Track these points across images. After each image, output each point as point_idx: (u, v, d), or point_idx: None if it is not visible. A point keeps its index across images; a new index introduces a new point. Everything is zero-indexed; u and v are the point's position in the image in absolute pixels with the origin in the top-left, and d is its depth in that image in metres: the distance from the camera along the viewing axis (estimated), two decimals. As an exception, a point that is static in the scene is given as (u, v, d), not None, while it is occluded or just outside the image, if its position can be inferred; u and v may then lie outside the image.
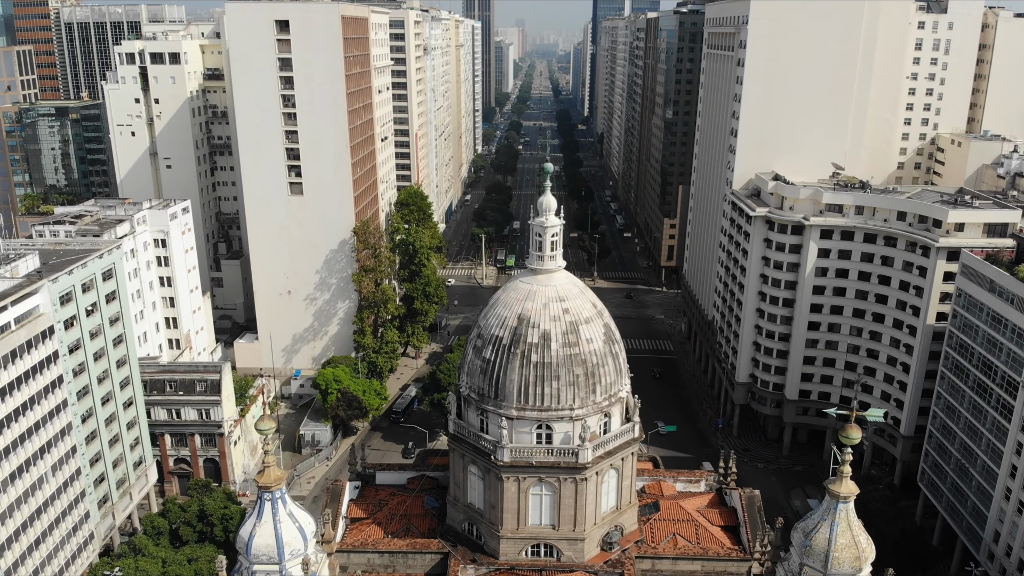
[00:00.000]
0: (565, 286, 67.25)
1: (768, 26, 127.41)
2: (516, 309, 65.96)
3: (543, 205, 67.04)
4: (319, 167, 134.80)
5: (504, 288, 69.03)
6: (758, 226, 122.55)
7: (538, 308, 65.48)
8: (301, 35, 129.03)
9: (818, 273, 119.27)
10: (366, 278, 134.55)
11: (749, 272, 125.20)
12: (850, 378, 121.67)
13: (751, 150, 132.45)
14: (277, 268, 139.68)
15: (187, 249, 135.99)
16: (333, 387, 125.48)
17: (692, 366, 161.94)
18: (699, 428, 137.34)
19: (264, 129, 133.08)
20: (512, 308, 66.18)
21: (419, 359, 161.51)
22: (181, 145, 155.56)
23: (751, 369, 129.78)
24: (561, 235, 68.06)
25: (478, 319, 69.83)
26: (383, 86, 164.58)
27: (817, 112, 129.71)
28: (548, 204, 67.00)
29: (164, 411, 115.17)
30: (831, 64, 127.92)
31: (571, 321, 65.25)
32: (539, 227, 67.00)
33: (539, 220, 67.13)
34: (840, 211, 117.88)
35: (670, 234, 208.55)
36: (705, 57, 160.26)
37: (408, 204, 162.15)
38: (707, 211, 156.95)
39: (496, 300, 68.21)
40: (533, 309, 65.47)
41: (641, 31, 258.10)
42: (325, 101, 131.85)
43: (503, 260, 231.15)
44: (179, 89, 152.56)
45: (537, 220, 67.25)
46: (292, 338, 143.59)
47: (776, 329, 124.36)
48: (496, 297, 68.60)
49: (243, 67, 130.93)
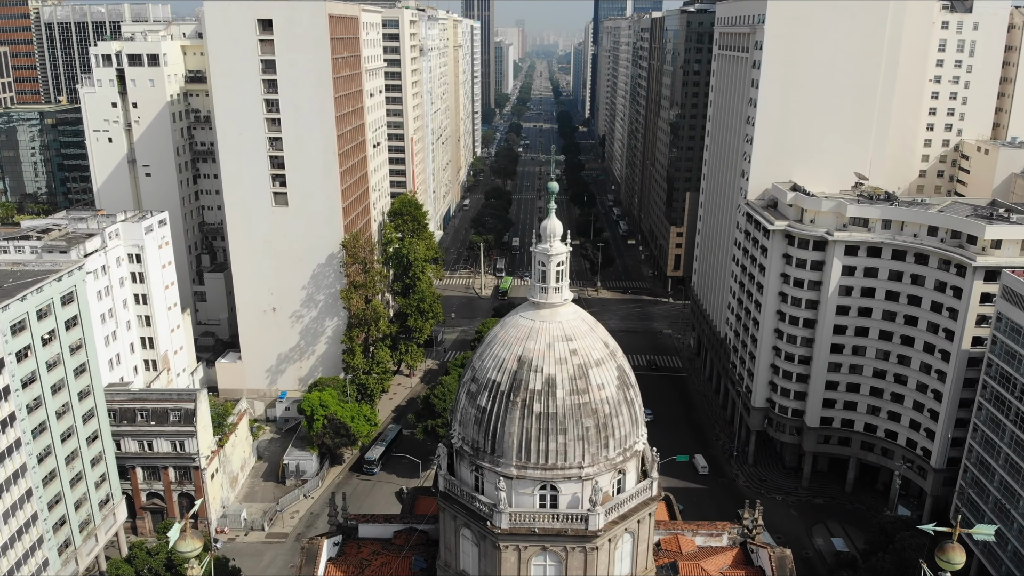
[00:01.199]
0: (572, 323, 58.42)
1: (786, 26, 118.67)
2: (516, 350, 57.14)
3: (547, 230, 58.24)
4: (305, 176, 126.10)
5: (502, 324, 60.20)
6: (777, 241, 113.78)
7: (541, 349, 56.68)
8: (285, 35, 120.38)
9: (842, 292, 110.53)
10: (355, 295, 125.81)
11: (767, 290, 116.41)
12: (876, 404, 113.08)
13: (767, 158, 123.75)
14: (261, 283, 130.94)
15: (164, 264, 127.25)
16: (319, 413, 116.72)
17: (702, 384, 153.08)
18: (712, 455, 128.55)
19: (246, 135, 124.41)
20: (511, 348, 57.36)
21: (413, 377, 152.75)
22: (161, 152, 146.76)
23: (768, 393, 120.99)
24: (568, 264, 59.10)
25: (472, 358, 60.92)
26: (375, 89, 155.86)
27: (838, 118, 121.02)
28: (553, 229, 58.19)
29: (135, 443, 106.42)
30: (854, 67, 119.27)
31: (580, 364, 56.42)
32: (543, 255, 58.19)
33: (542, 247, 58.33)
34: (865, 225, 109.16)
35: (677, 242, 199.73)
36: (716, 58, 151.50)
37: (401, 214, 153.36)
38: (718, 221, 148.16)
39: (493, 338, 59.38)
40: (536, 350, 56.67)
41: (645, 31, 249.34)
42: (311, 106, 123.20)
43: (501, 270, 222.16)
44: (158, 92, 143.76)
45: (540, 247, 58.44)
46: (277, 358, 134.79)
47: (796, 351, 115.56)
48: (493, 334, 59.78)
49: (223, 69, 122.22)
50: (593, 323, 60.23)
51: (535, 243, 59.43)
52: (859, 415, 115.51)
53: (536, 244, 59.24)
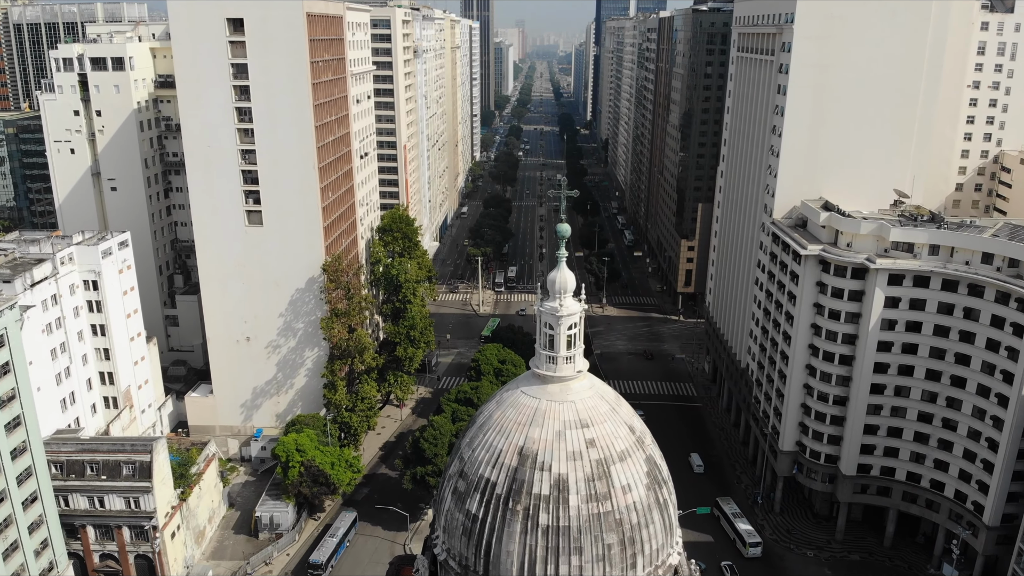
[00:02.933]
0: (589, 402, 45.88)
1: (819, 26, 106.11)
2: (516, 439, 44.62)
3: (557, 284, 45.71)
4: (281, 192, 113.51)
5: (498, 401, 47.61)
6: (810, 267, 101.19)
7: (549, 439, 44.17)
8: (258, 36, 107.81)
9: (884, 326, 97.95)
10: (337, 324, 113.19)
11: (798, 321, 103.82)
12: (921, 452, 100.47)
13: (796, 172, 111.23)
14: (233, 311, 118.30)
15: (126, 290, 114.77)
16: (295, 459, 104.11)
17: (720, 416, 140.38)
18: (736, 501, 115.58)
19: (216, 148, 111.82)
20: (510, 437, 44.84)
21: (404, 408, 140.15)
22: (128, 164, 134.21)
23: (798, 436, 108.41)
24: (582, 325, 46.49)
25: (460, 442, 48.36)
26: (363, 94, 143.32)
27: (876, 129, 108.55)
28: (563, 283, 45.68)
29: (84, 499, 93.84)
30: (894, 72, 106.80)
31: (599, 460, 43.93)
32: (550, 315, 45.63)
33: (550, 306, 45.82)
34: (910, 251, 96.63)
35: (688, 256, 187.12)
36: (734, 61, 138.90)
37: (391, 230, 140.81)
38: (737, 238, 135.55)
39: (487, 419, 46.86)
40: (542, 441, 44.18)
41: (652, 31, 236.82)
42: (288, 114, 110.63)
43: (500, 285, 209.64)
44: (124, 99, 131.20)
45: (548, 305, 45.93)
46: (252, 392, 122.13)
47: (831, 391, 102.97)
48: (487, 414, 47.23)
49: (190, 74, 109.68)
50: (614, 399, 47.60)
51: (539, 298, 46.91)
52: (901, 463, 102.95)
53: (541, 300, 46.70)
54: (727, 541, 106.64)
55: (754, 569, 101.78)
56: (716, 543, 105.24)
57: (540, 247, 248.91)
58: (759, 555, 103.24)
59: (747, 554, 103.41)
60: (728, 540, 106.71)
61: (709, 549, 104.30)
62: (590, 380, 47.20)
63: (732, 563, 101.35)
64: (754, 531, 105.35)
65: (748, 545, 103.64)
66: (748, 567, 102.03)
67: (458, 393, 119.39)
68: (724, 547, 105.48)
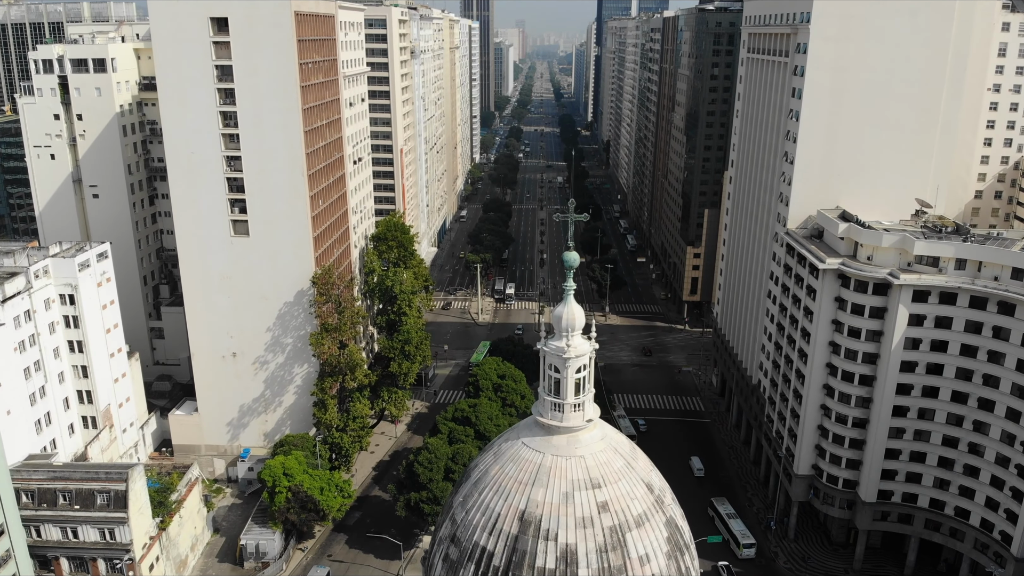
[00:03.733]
0: (600, 456, 40.07)
1: (837, 26, 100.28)
2: (517, 500, 38.82)
3: (564, 321, 39.94)
4: (269, 201, 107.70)
5: (495, 453, 41.80)
6: (828, 281, 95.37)
7: (555, 502, 38.36)
8: (244, 36, 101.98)
9: (908, 345, 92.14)
10: (327, 339, 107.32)
11: (815, 338, 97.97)
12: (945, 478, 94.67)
13: (811, 180, 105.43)
14: (219, 325, 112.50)
15: (105, 304, 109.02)
16: (282, 484, 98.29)
17: (729, 434, 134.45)
18: (747, 525, 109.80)
19: (200, 154, 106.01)
20: (510, 498, 39.02)
21: (399, 425, 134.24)
22: (110, 170, 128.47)
23: (814, 459, 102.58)
24: (592, 366, 40.66)
25: (452, 497, 42.51)
26: (357, 97, 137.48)
27: (896, 134, 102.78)
28: (571, 320, 39.88)
29: (57, 529, 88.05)
30: (914, 74, 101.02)
31: (613, 527, 38.12)
32: (556, 356, 39.85)
33: (556, 345, 40.03)
34: (935, 265, 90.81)
35: (694, 264, 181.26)
36: (743, 62, 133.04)
37: (386, 239, 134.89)
38: (748, 247, 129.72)
39: (483, 474, 41.05)
40: (546, 503, 38.36)
41: (656, 31, 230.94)
42: (275, 119, 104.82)
43: (500, 292, 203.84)
44: (106, 103, 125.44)
45: (553, 345, 40.15)
46: (239, 410, 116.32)
47: (850, 412, 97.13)
48: (483, 468, 41.42)
49: (172, 77, 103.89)
50: (630, 451, 41.75)
51: (543, 335, 41.10)
52: (924, 489, 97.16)
53: (545, 338, 40.90)
54: (721, 541, 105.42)
55: (747, 569, 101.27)
56: (710, 543, 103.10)
57: (541, 252, 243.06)
58: (753, 556, 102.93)
59: (741, 555, 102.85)
60: (723, 540, 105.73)
61: (703, 550, 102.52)
62: (601, 430, 41.33)
63: (728, 563, 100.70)
64: (748, 532, 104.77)
65: (742, 546, 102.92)
66: (742, 567, 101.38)
67: (455, 412, 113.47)
68: (718, 547, 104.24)
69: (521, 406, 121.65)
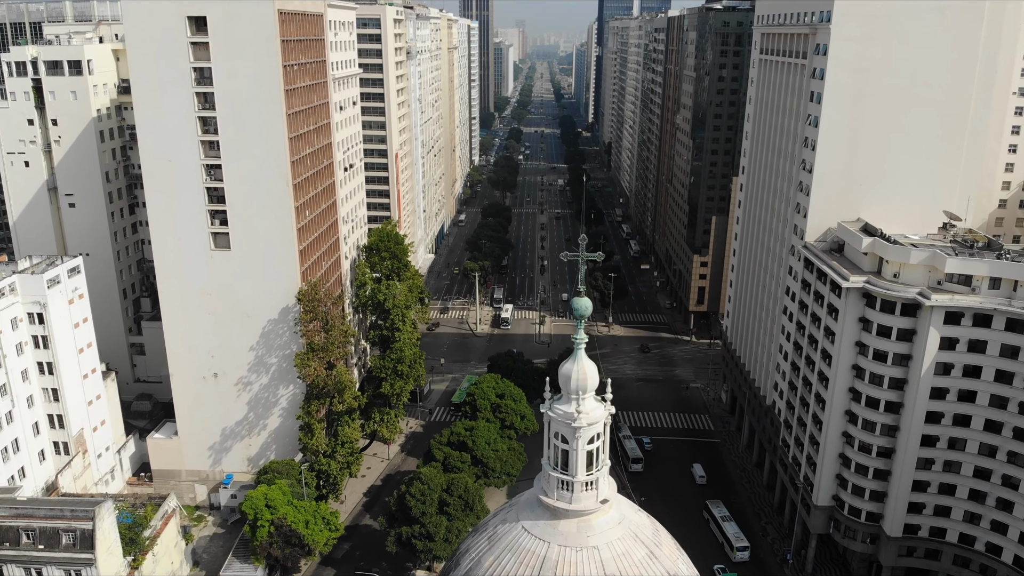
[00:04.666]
0: (618, 545, 33.25)
1: (859, 26, 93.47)
2: (516, 601, 31.84)
3: (572, 381, 33.23)
4: (251, 212, 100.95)
5: (491, 537, 34.97)
6: (852, 301, 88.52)
7: (561, 604, 31.37)
8: (223, 36, 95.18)
9: (939, 371, 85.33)
10: (313, 361, 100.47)
11: (837, 361, 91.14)
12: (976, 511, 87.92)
13: (831, 190, 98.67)
14: (199, 344, 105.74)
15: (78, 322, 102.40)
16: (264, 516, 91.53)
17: (740, 455, 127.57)
18: (761, 557, 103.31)
19: (176, 163, 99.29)
20: (508, 597, 32.05)
21: (392, 447, 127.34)
22: (87, 178, 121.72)
23: (835, 490, 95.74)
24: (607, 435, 33.88)
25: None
26: (348, 100, 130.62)
27: (922, 141, 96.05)
28: (582, 380, 33.19)
29: (21, 570, 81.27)
30: (942, 78, 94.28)
31: (631, 635, 31.15)
32: (564, 424, 33.09)
33: (563, 410, 33.31)
34: (968, 283, 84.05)
35: (700, 273, 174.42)
36: (755, 64, 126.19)
37: (378, 250, 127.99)
38: (761, 259, 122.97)
39: (475, 564, 34.36)
40: (551, 607, 31.38)
41: (660, 32, 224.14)
42: (257, 125, 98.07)
43: (499, 300, 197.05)
44: (82, 107, 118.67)
45: (560, 409, 33.44)
46: (221, 433, 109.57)
47: (874, 441, 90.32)
48: (474, 556, 34.68)
49: (147, 80, 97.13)
50: (652, 536, 34.91)
51: (548, 397, 34.27)
52: (954, 523, 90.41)
53: (550, 401, 34.09)
54: (715, 544, 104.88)
55: (742, 572, 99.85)
56: (705, 546, 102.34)
57: (541, 259, 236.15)
58: (747, 559, 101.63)
59: (735, 558, 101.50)
60: (716, 543, 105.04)
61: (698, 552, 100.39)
62: (618, 510, 34.51)
63: (723, 566, 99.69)
64: (742, 535, 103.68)
65: (736, 549, 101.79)
66: (736, 570, 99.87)
67: (450, 435, 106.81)
68: (713, 550, 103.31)
69: (521, 427, 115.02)
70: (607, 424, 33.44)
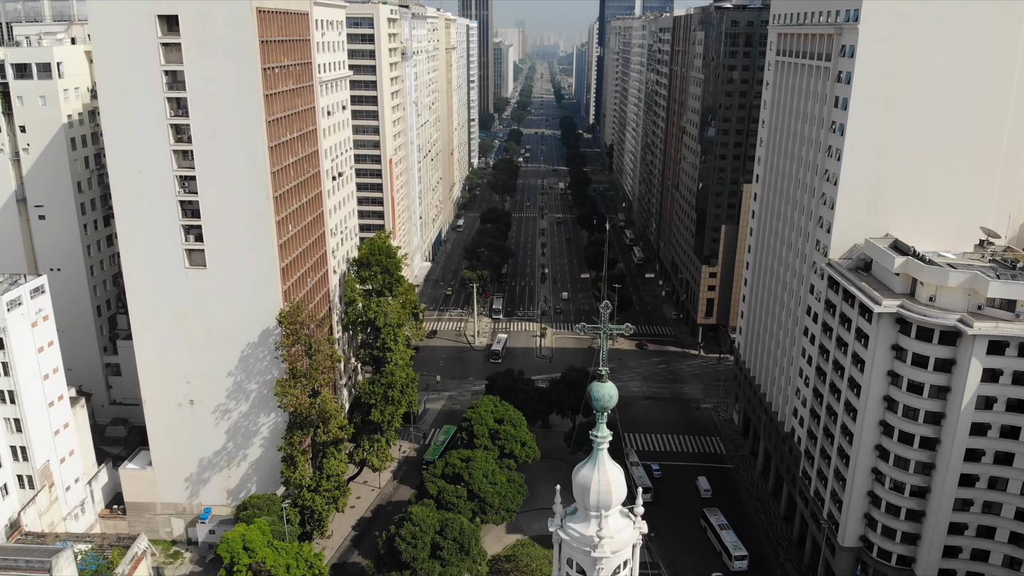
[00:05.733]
0: None
1: (890, 26, 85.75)
2: None
3: (592, 494, 26.26)
4: (228, 227, 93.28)
5: None
6: (884, 327, 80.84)
7: None
8: (197, 37, 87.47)
9: (981, 404, 77.78)
10: (295, 388, 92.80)
11: (867, 392, 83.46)
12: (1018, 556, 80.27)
13: (858, 204, 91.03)
14: (174, 369, 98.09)
15: (43, 346, 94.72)
16: (242, 561, 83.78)
17: (755, 483, 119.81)
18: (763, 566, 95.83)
19: (147, 174, 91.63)
20: None
21: (382, 473, 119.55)
22: (58, 187, 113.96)
23: (863, 530, 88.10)
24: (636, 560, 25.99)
25: None
26: (337, 104, 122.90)
27: (957, 151, 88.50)
28: (604, 492, 26.29)
29: (-35, 626, 73.78)
30: (979, 83, 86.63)
31: None
32: (579, 549, 25.41)
33: (580, 533, 25.69)
34: (1012, 308, 76.43)
35: (709, 284, 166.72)
36: (771, 66, 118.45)
37: (368, 264, 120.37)
38: (777, 273, 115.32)
39: None
40: None
41: (665, 31, 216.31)
42: (235, 132, 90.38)
43: (498, 311, 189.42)
44: (52, 112, 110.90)
45: (575, 531, 25.85)
46: (198, 464, 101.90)
47: (908, 480, 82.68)
48: None
49: (114, 85, 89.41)
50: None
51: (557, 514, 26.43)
52: (992, 568, 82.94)
53: (561, 516, 26.27)
54: (713, 553, 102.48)
55: None
56: (702, 555, 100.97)
57: (542, 267, 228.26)
58: (745, 568, 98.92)
59: (733, 567, 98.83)
60: (714, 552, 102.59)
61: (695, 561, 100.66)
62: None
63: (721, 574, 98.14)
64: (740, 543, 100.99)
65: (734, 558, 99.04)
66: None
67: (445, 467, 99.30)
68: (710, 559, 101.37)
69: (521, 456, 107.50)
70: (637, 546, 25.67)
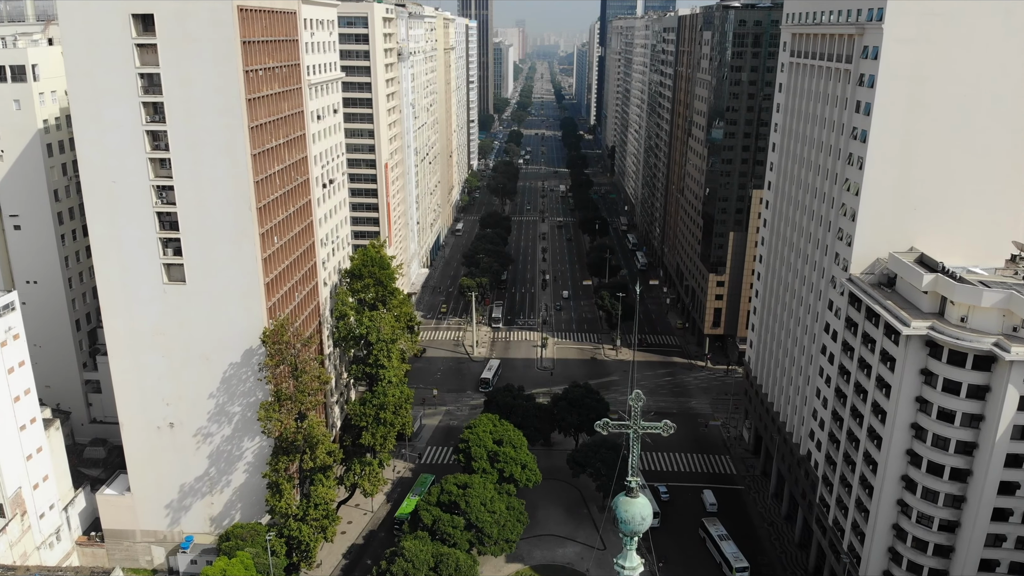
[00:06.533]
0: None
1: (916, 27, 79.98)
2: None
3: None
4: (209, 240, 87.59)
5: None
6: (912, 350, 75.03)
7: None
8: (174, 37, 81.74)
9: (1017, 435, 72.01)
10: (280, 412, 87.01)
11: (893, 419, 77.65)
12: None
13: (882, 216, 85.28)
14: (152, 390, 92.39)
15: (12, 367, 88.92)
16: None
17: (768, 506, 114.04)
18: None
19: (122, 184, 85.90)
20: None
21: (375, 499, 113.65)
22: (33, 196, 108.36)
23: (887, 564, 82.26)
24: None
25: None
26: (328, 108, 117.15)
27: (987, 160, 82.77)
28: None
29: (-82, 676, 68.03)
30: (1010, 87, 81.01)
31: None
32: None
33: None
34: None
35: (717, 293, 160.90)
36: (784, 68, 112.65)
37: (361, 276, 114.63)
38: (791, 286, 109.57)
39: None
40: None
41: (669, 31, 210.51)
42: (215, 139, 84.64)
43: (497, 320, 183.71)
44: (26, 118, 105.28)
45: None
46: (179, 490, 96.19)
47: (936, 513, 76.88)
48: None
49: (86, 88, 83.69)
50: None
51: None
52: (1029, 607, 77.05)
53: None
54: (713, 564, 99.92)
55: None
56: (702, 566, 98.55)
57: (543, 273, 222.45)
58: None
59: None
60: (714, 563, 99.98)
61: (695, 572, 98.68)
62: None
63: None
64: (741, 555, 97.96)
65: (735, 570, 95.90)
66: None
67: (440, 494, 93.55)
68: (710, 570, 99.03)
69: (522, 480, 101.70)
70: None
